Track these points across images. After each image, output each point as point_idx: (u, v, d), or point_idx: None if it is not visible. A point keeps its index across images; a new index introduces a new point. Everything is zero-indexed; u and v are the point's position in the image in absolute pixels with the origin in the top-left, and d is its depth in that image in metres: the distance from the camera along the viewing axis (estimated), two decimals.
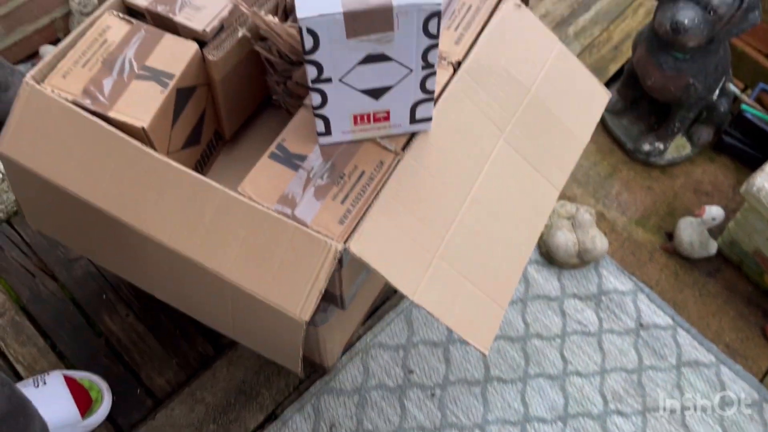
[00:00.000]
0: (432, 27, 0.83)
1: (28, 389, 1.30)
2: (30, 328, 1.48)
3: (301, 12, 0.80)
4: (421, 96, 0.94)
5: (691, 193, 1.80)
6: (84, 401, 1.33)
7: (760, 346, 1.58)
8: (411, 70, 0.89)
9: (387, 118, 0.97)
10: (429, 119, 0.99)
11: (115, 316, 1.50)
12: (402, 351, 1.50)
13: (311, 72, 0.87)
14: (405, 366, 1.48)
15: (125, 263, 1.21)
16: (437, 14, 0.82)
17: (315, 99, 0.92)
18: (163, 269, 1.10)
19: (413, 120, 0.98)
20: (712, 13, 1.49)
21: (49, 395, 1.31)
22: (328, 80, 0.89)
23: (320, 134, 0.98)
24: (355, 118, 0.96)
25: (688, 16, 1.48)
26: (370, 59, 0.86)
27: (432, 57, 0.88)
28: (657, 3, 1.59)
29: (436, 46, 0.86)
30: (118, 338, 1.48)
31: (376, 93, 0.92)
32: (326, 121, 0.96)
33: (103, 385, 1.38)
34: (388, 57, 0.87)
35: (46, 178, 1.03)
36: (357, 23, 0.81)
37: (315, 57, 0.85)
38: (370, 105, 0.94)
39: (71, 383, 1.34)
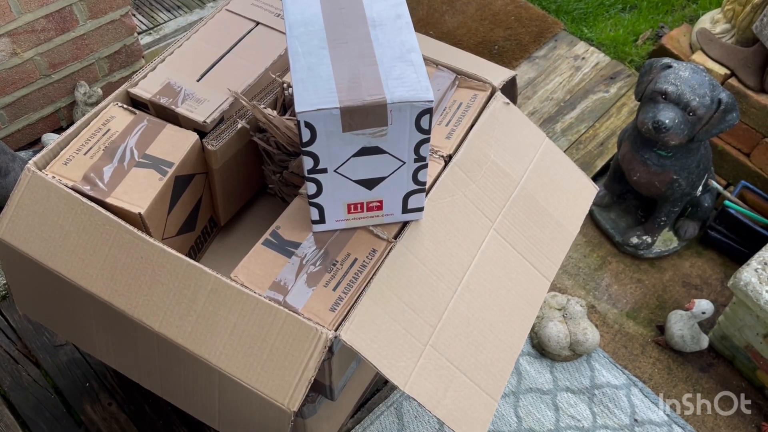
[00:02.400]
0: (424, 122, 0.87)
1: None
2: (9, 417, 1.43)
3: (300, 106, 0.83)
4: (413, 187, 0.97)
5: (680, 287, 1.81)
6: None
7: None
8: (403, 163, 0.93)
9: (380, 207, 0.99)
10: (421, 209, 1.02)
11: (97, 405, 1.46)
12: None
13: (308, 163, 0.90)
14: None
15: (112, 350, 1.19)
16: (429, 111, 0.86)
17: (310, 188, 0.94)
18: (150, 356, 1.08)
19: (405, 209, 1.01)
20: (691, 114, 1.56)
21: None
22: (324, 170, 0.91)
23: (314, 222, 1.00)
24: (348, 206, 0.98)
25: (668, 116, 1.55)
26: (364, 151, 0.90)
27: (424, 150, 0.91)
28: (639, 103, 1.67)
29: (428, 140, 0.90)
30: (98, 428, 1.43)
31: (369, 183, 0.95)
32: (321, 210, 0.98)
33: None
34: (382, 150, 0.90)
35: (39, 262, 1.03)
36: (353, 118, 0.85)
37: (312, 148, 0.88)
38: (363, 194, 0.97)
39: None
